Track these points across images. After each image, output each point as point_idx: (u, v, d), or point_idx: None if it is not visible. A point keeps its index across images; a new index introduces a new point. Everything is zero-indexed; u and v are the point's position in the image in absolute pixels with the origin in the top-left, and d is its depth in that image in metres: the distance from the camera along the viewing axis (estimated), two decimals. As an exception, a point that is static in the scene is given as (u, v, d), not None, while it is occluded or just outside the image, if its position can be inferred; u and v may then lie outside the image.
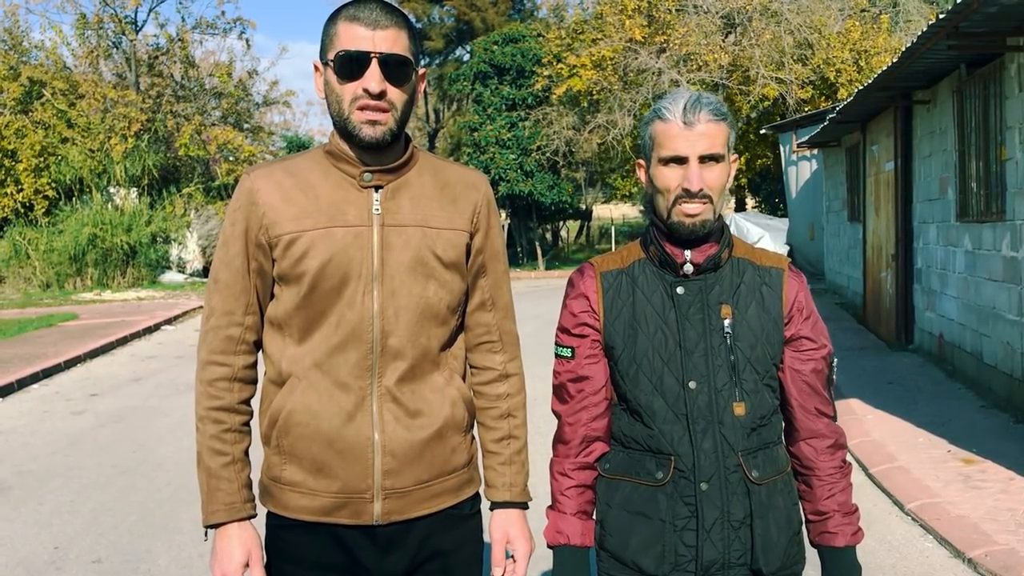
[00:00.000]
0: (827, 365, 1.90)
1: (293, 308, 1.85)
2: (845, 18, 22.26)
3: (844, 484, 1.91)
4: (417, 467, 1.86)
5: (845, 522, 1.90)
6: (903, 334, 10.32)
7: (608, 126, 22.13)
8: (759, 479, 1.83)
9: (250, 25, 26.87)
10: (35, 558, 4.64)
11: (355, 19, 1.79)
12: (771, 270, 1.89)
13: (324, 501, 1.85)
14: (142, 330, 13.37)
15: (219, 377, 1.86)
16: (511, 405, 2.01)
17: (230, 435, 1.86)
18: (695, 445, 1.81)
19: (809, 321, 1.89)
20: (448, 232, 1.90)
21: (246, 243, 1.85)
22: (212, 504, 1.85)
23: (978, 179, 7.85)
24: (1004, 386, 7.19)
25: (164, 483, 5.89)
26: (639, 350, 1.85)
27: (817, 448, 1.90)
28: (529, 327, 13.25)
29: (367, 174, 1.85)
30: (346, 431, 1.82)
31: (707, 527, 1.80)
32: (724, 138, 1.82)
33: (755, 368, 1.83)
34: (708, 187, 1.80)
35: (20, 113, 22.12)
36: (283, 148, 29.35)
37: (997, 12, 6.24)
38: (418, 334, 1.86)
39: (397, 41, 1.80)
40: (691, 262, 1.83)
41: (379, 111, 1.79)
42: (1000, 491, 5.11)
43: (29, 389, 9.40)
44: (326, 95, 1.84)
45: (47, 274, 20.92)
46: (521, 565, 1.96)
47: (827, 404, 1.91)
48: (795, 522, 1.90)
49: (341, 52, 1.78)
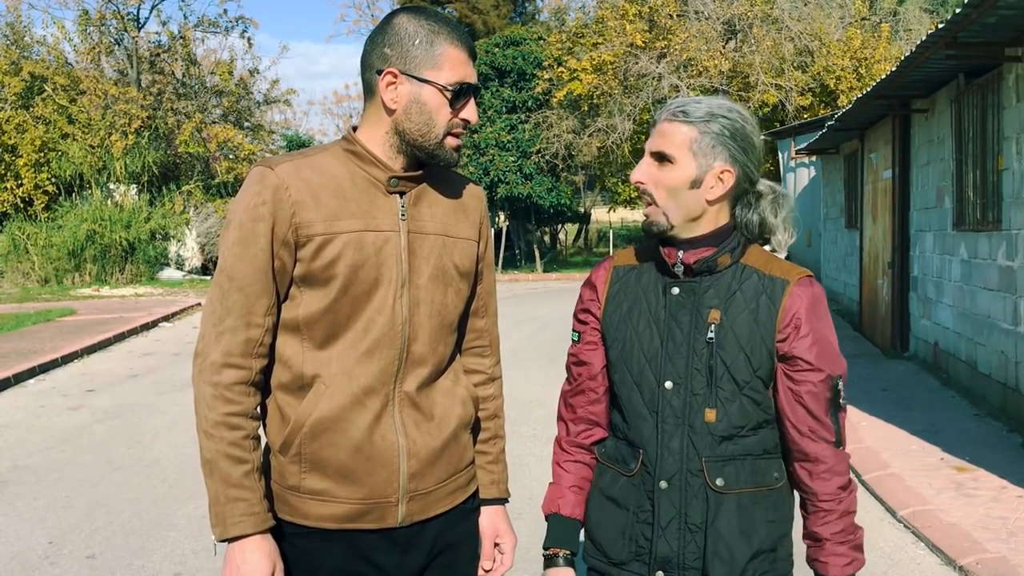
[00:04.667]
0: (828, 389, 1.80)
1: (318, 312, 1.78)
2: (846, 26, 22.32)
3: (840, 512, 1.82)
4: (438, 468, 1.88)
5: (838, 551, 1.81)
6: (898, 342, 10.34)
7: (608, 130, 22.17)
8: (724, 488, 1.80)
9: (252, 24, 26.86)
10: (29, 553, 4.65)
11: (460, 46, 1.81)
12: (776, 280, 1.81)
13: (349, 508, 1.82)
14: (140, 327, 13.38)
15: (237, 381, 1.76)
16: (496, 406, 2.08)
17: (249, 442, 1.76)
18: (660, 443, 1.83)
19: (806, 340, 1.78)
20: (464, 242, 1.92)
21: (271, 240, 1.76)
22: (232, 515, 1.73)
23: (975, 188, 7.88)
24: (998, 395, 7.21)
25: (159, 480, 5.90)
26: (627, 344, 1.88)
27: (812, 472, 1.82)
28: (526, 329, 13.27)
29: (394, 179, 1.83)
30: (373, 437, 1.81)
31: (663, 524, 1.82)
32: (681, 139, 1.78)
33: (734, 377, 1.79)
34: (652, 185, 1.81)
35: (21, 108, 22.14)
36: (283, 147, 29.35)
37: (996, 23, 6.27)
38: (437, 341, 1.88)
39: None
40: (682, 263, 1.83)
41: (462, 136, 1.86)
42: (992, 499, 5.13)
43: (25, 384, 9.41)
44: (408, 108, 1.79)
45: (45, 269, 20.94)
46: (508, 557, 2.04)
47: (824, 427, 1.80)
48: (770, 540, 1.83)
49: (464, 84, 1.80)
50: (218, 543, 1.77)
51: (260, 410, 1.86)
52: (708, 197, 1.80)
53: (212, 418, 1.75)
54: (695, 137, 1.79)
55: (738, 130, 1.81)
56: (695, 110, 1.80)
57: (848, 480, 1.84)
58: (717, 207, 1.83)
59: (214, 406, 1.75)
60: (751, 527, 1.81)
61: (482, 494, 2.04)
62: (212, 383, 1.76)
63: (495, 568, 2.04)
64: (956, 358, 8.41)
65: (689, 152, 1.79)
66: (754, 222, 1.86)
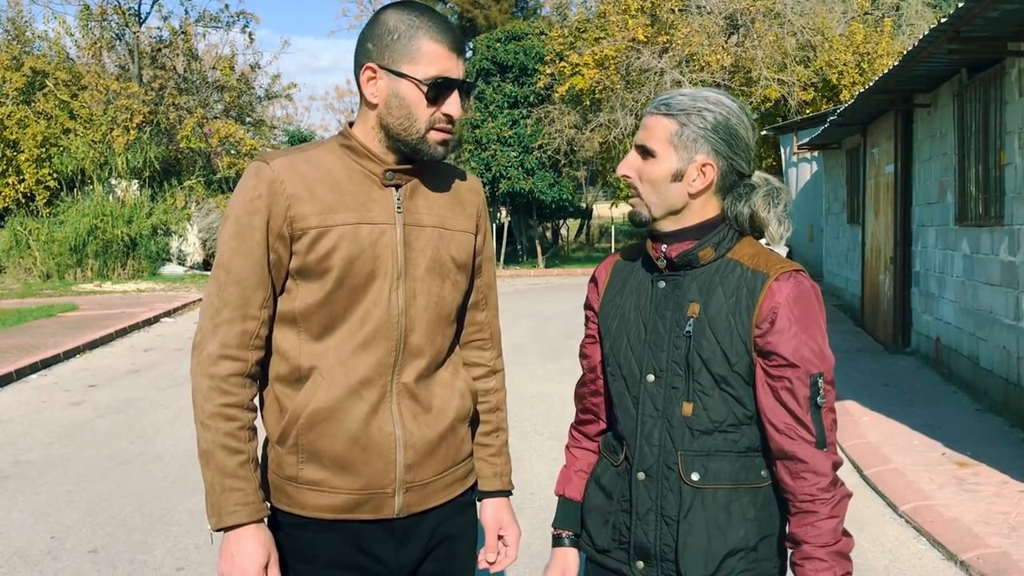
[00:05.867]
0: (806, 386, 1.73)
1: (315, 304, 1.80)
2: (848, 21, 22.28)
3: (824, 515, 1.73)
4: (435, 459, 1.90)
5: (817, 555, 1.72)
6: (900, 337, 10.34)
7: (610, 125, 22.15)
8: (700, 483, 1.78)
9: (253, 19, 26.92)
10: (31, 547, 4.66)
11: (440, 41, 1.80)
12: (757, 274, 1.77)
13: (346, 498, 1.84)
14: (141, 322, 13.39)
15: (233, 372, 1.78)
16: (498, 399, 2.09)
17: (245, 433, 1.79)
18: (640, 435, 1.84)
19: (783, 335, 1.73)
20: (460, 235, 1.93)
21: (267, 234, 1.78)
22: (227, 505, 1.75)
23: (977, 183, 7.87)
24: (1000, 390, 7.21)
25: (161, 475, 5.91)
26: (618, 338, 1.89)
27: (791, 470, 1.75)
28: (527, 325, 13.27)
29: (389, 172, 1.85)
30: (370, 428, 1.83)
31: (640, 515, 1.84)
32: (662, 132, 1.79)
33: (711, 371, 1.77)
34: (636, 178, 1.82)
35: (22, 103, 22.14)
36: (284, 142, 29.40)
37: (999, 17, 6.25)
38: (435, 333, 1.89)
39: (463, 64, 1.86)
40: (665, 256, 1.83)
41: (450, 131, 1.86)
42: (993, 494, 5.13)
43: (28, 379, 9.42)
44: (388, 103, 1.81)
45: (47, 265, 20.96)
46: (512, 550, 2.06)
47: (803, 426, 1.74)
48: (750, 538, 1.79)
49: (439, 79, 1.79)
50: (214, 532, 1.79)
51: (258, 401, 1.88)
52: (690, 190, 1.79)
53: (208, 409, 1.78)
54: (675, 130, 1.78)
55: (721, 123, 1.78)
56: (677, 103, 1.79)
57: (832, 482, 1.74)
58: (702, 200, 1.81)
59: (210, 397, 1.78)
60: (727, 523, 1.78)
61: (485, 486, 2.05)
62: (209, 374, 1.78)
63: (499, 560, 2.05)
64: (958, 353, 8.40)
65: (670, 146, 1.78)
66: (744, 215, 1.83)
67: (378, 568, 1.88)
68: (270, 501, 1.86)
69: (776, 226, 1.83)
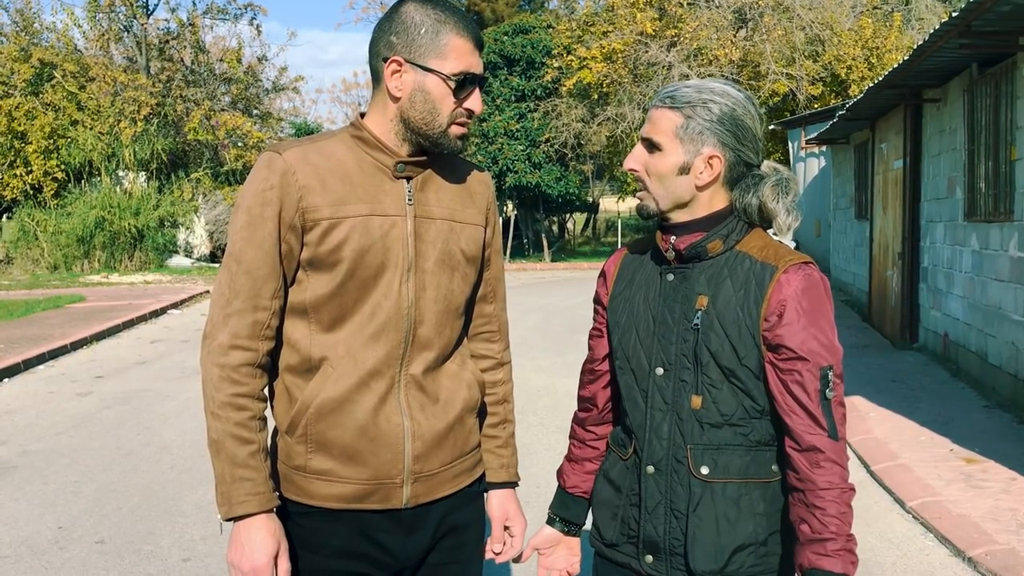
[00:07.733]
0: (816, 379, 1.72)
1: (325, 295, 1.81)
2: (857, 15, 22.18)
3: (837, 506, 1.71)
4: (443, 450, 1.90)
5: (833, 545, 1.69)
6: (908, 333, 10.31)
7: (617, 119, 22.10)
8: (710, 477, 1.78)
9: (261, 11, 26.87)
10: (39, 537, 4.67)
11: (465, 36, 1.81)
12: (766, 266, 1.76)
13: (354, 488, 1.85)
14: (148, 313, 13.43)
15: (244, 363, 1.78)
16: (506, 391, 2.10)
17: (255, 423, 1.79)
18: (649, 428, 1.83)
19: (791, 328, 1.72)
20: (470, 227, 1.94)
21: (279, 224, 1.78)
22: (237, 495, 1.75)
23: (987, 179, 7.83)
24: (1008, 386, 7.18)
25: (168, 466, 5.92)
26: (627, 331, 1.89)
27: (811, 461, 1.72)
28: (533, 318, 13.27)
29: (401, 164, 1.85)
30: (378, 418, 1.83)
31: (649, 508, 1.84)
32: (668, 125, 1.78)
33: (719, 364, 1.77)
34: (643, 171, 1.82)
35: (30, 95, 22.18)
36: (291, 134, 29.37)
37: (1010, 11, 6.21)
38: (443, 325, 1.90)
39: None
40: (674, 248, 1.82)
41: (469, 125, 1.88)
42: (1001, 491, 5.11)
43: (35, 370, 9.45)
44: (412, 97, 1.81)
45: (55, 256, 21.02)
46: (519, 541, 2.07)
47: (816, 419, 1.72)
48: (760, 533, 1.78)
49: (467, 74, 1.81)
50: (224, 522, 1.79)
51: (268, 392, 1.88)
52: (698, 183, 1.79)
53: (219, 399, 1.78)
54: (681, 123, 1.77)
55: (727, 114, 1.76)
56: (683, 96, 1.77)
57: (846, 474, 1.73)
58: (710, 192, 1.80)
59: (221, 387, 1.78)
60: (737, 517, 1.78)
61: (492, 477, 2.06)
62: (219, 364, 1.78)
63: (505, 551, 2.07)
64: (966, 349, 8.37)
65: (676, 139, 1.77)
66: (753, 206, 1.82)
67: (385, 558, 1.89)
68: (279, 491, 1.86)
69: (785, 216, 1.81)
